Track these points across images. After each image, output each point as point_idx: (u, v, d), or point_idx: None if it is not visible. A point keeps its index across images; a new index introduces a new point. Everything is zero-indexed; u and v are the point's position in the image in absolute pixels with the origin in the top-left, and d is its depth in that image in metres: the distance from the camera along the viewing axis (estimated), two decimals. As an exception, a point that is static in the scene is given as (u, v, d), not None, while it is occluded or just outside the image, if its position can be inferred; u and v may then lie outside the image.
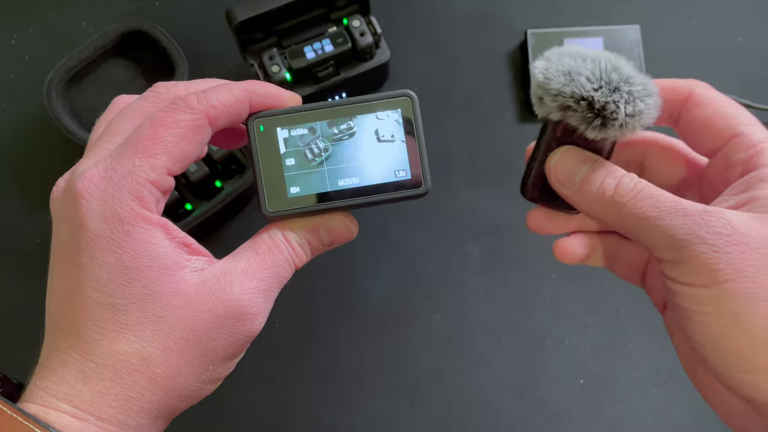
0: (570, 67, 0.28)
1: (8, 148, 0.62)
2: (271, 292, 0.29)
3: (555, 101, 0.28)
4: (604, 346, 0.56)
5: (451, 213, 0.59)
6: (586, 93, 0.27)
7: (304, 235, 0.30)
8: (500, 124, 0.62)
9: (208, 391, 0.28)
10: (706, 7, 0.66)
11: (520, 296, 0.57)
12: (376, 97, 0.30)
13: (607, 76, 0.27)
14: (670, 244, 0.26)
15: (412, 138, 0.30)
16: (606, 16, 0.65)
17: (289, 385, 0.55)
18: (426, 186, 0.30)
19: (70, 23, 0.65)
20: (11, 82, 0.63)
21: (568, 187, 0.29)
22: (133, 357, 0.25)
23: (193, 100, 0.27)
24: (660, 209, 0.26)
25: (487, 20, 0.65)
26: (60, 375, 0.25)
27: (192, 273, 0.27)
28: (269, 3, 0.53)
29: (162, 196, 0.27)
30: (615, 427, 0.54)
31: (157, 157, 0.26)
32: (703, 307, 0.25)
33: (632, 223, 0.27)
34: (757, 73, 0.64)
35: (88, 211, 0.25)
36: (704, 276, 0.25)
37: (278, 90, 0.30)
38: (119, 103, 0.31)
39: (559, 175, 0.29)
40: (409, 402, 0.55)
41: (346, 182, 0.30)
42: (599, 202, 0.28)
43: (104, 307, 0.25)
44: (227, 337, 0.27)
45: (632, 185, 0.27)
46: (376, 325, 0.57)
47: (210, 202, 0.56)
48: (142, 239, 0.26)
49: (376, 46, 0.58)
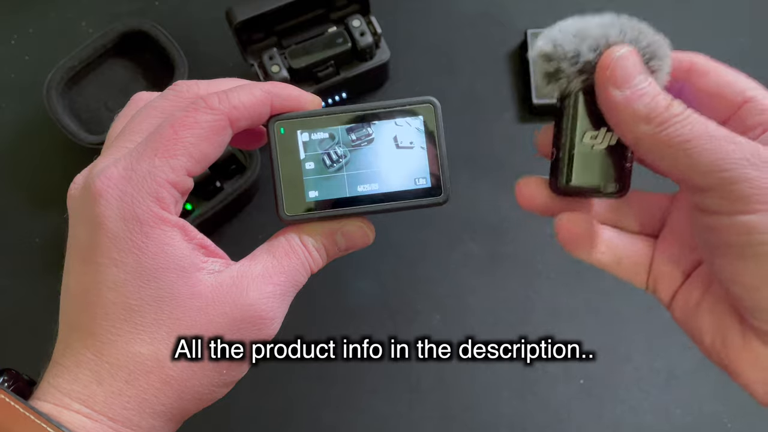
0: (576, 28, 0.27)
1: (8, 148, 0.62)
2: (287, 296, 0.29)
3: (575, 64, 0.26)
4: (604, 346, 0.56)
5: (451, 213, 0.59)
6: (611, 39, 0.26)
7: (321, 239, 0.29)
8: (500, 124, 0.62)
9: (220, 394, 0.28)
10: (706, 7, 0.66)
11: (520, 296, 0.57)
12: (399, 103, 0.29)
13: (618, 28, 0.27)
14: (715, 168, 0.24)
15: (432, 145, 0.29)
16: (606, 16, 0.65)
17: (289, 385, 0.55)
18: (446, 194, 0.29)
19: (70, 23, 0.65)
20: (11, 82, 0.63)
21: (621, 88, 0.26)
22: (147, 358, 0.25)
23: (215, 101, 0.27)
24: (710, 133, 0.24)
25: (487, 20, 0.65)
26: (74, 374, 0.25)
27: (209, 275, 0.26)
28: (269, 3, 0.53)
29: (181, 197, 0.27)
30: (615, 427, 0.54)
31: (177, 157, 0.26)
32: (757, 237, 0.23)
33: (676, 143, 0.25)
34: (757, 73, 0.63)
35: (106, 211, 0.25)
36: (755, 199, 0.23)
37: (300, 92, 0.29)
38: (139, 101, 0.30)
39: (617, 72, 0.26)
40: (409, 402, 0.55)
41: (365, 188, 0.29)
42: (647, 115, 0.25)
43: (120, 307, 0.25)
44: (242, 341, 0.27)
45: (683, 107, 0.25)
46: (376, 325, 0.57)
47: (210, 202, 0.56)
48: (161, 241, 0.25)
49: (376, 46, 0.58)
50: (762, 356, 0.25)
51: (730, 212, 0.24)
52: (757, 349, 0.25)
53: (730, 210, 0.24)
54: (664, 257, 0.30)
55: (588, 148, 0.28)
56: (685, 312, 0.29)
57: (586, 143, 0.28)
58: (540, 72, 0.28)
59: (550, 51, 0.27)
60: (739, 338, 0.26)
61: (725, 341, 0.27)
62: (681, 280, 0.30)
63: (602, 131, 0.28)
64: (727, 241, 0.24)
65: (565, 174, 0.28)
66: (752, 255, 0.23)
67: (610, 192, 0.29)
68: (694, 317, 0.28)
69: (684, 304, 0.29)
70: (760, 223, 0.23)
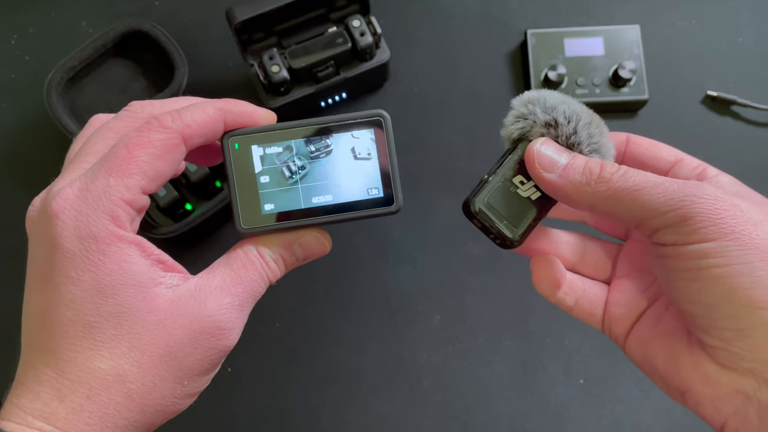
0: (564, 97, 0.31)
1: (8, 148, 0.62)
2: (246, 307, 0.29)
3: (547, 114, 0.31)
4: (604, 346, 0.56)
5: (451, 213, 0.59)
6: (581, 122, 0.31)
7: (278, 250, 0.30)
8: (500, 124, 0.62)
9: (184, 405, 0.28)
10: (706, 7, 0.66)
11: (520, 296, 0.57)
12: (350, 117, 0.30)
13: (589, 119, 0.31)
14: (668, 208, 0.26)
15: (384, 157, 0.30)
16: (606, 16, 0.65)
17: (289, 385, 0.55)
18: (397, 204, 0.30)
19: (70, 23, 0.65)
20: (11, 82, 0.64)
21: (552, 171, 0.30)
22: (108, 374, 0.25)
23: (168, 120, 0.27)
24: (652, 181, 0.27)
25: (487, 20, 0.65)
26: (35, 392, 0.25)
27: (167, 289, 0.27)
28: (269, 3, 0.53)
29: (137, 214, 0.28)
30: (615, 427, 0.54)
31: (131, 176, 0.26)
32: (712, 261, 0.26)
33: (622, 197, 0.28)
34: (757, 73, 0.64)
35: (62, 231, 0.26)
36: (710, 230, 0.26)
37: (253, 108, 0.30)
38: (96, 122, 0.31)
39: (542, 160, 0.30)
40: (409, 402, 0.55)
41: (320, 200, 0.30)
42: (586, 182, 0.29)
43: (79, 325, 0.25)
44: (202, 353, 0.27)
45: (617, 167, 0.29)
46: (376, 325, 0.57)
47: (210, 202, 0.56)
48: (117, 258, 0.26)
49: (376, 46, 0.58)
50: (712, 373, 0.27)
51: (686, 243, 0.26)
52: (707, 367, 0.27)
53: (687, 241, 0.26)
54: (616, 302, 0.33)
55: (513, 188, 0.31)
56: (639, 346, 0.31)
57: (515, 183, 0.31)
58: (514, 113, 0.32)
59: (535, 97, 0.31)
60: (689, 359, 0.28)
61: (677, 364, 0.29)
62: (632, 322, 0.32)
63: (531, 183, 0.31)
64: (685, 266, 0.27)
65: (482, 197, 0.31)
66: (707, 277, 0.26)
67: (505, 234, 0.31)
68: (648, 349, 0.31)
69: (637, 340, 0.32)
70: (713, 250, 0.26)
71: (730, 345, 0.26)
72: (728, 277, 0.25)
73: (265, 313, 0.56)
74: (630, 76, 0.60)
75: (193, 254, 0.58)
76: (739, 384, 0.26)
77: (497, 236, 0.31)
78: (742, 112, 0.62)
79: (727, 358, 0.26)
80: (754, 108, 0.62)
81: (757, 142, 0.62)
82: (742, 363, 0.26)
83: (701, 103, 0.63)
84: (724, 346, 0.26)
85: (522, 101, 0.32)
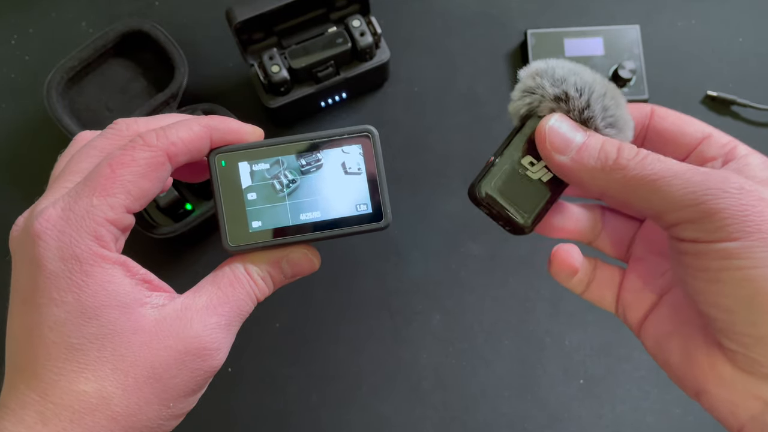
0: (574, 67, 0.28)
1: (8, 148, 0.62)
2: (233, 326, 0.29)
3: (556, 87, 0.28)
4: (604, 346, 0.56)
5: (451, 213, 0.59)
6: (595, 93, 0.28)
7: (266, 268, 0.30)
8: (500, 124, 0.62)
9: (169, 427, 0.28)
10: (706, 7, 0.66)
11: (520, 296, 0.57)
12: (338, 133, 0.30)
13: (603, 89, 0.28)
14: (689, 202, 0.24)
15: (372, 172, 0.30)
16: (606, 16, 0.65)
17: (289, 385, 0.55)
18: (386, 220, 0.30)
19: (70, 23, 0.65)
20: (11, 82, 0.64)
21: (564, 153, 0.28)
22: (92, 396, 0.25)
23: (152, 138, 0.27)
24: (673, 170, 0.25)
25: (487, 20, 0.65)
26: (19, 416, 0.25)
27: (152, 309, 0.26)
28: (269, 3, 0.53)
29: (121, 233, 0.27)
30: (615, 427, 0.54)
31: (115, 195, 0.26)
32: (734, 262, 0.24)
33: (640, 185, 0.26)
34: (757, 73, 0.64)
35: (45, 252, 0.25)
36: (734, 228, 0.23)
37: (239, 125, 0.30)
38: (81, 140, 0.31)
39: (555, 140, 0.28)
40: (409, 402, 0.55)
41: (308, 216, 0.30)
42: (601, 167, 0.27)
43: (62, 347, 0.25)
44: (188, 374, 0.27)
45: (635, 151, 0.26)
46: (375, 325, 0.57)
47: (210, 202, 0.56)
48: (101, 278, 0.25)
49: (376, 46, 0.58)
50: (728, 377, 0.26)
51: (708, 241, 0.24)
52: (724, 370, 0.26)
53: (708, 239, 0.24)
54: (630, 286, 0.31)
55: (522, 170, 0.29)
56: (653, 340, 0.30)
57: (523, 165, 0.29)
58: (520, 87, 0.29)
59: (543, 68, 0.29)
60: (705, 359, 0.27)
61: (692, 363, 0.27)
62: (647, 310, 0.31)
63: (541, 164, 0.29)
64: (706, 266, 0.25)
65: (489, 181, 0.29)
66: (729, 279, 0.24)
67: (516, 221, 0.29)
68: (662, 344, 0.29)
69: (654, 331, 0.30)
70: (737, 250, 0.23)
71: (749, 350, 0.25)
72: (751, 281, 0.23)
73: (265, 313, 0.56)
74: (630, 76, 0.60)
75: (193, 254, 0.58)
76: (757, 389, 0.25)
77: (507, 223, 0.29)
78: (742, 112, 0.62)
79: (746, 362, 0.25)
80: (754, 108, 0.62)
81: (757, 142, 0.61)
82: (761, 369, 0.24)
83: (701, 103, 0.63)
84: (743, 351, 0.25)
85: (529, 73, 0.29)
